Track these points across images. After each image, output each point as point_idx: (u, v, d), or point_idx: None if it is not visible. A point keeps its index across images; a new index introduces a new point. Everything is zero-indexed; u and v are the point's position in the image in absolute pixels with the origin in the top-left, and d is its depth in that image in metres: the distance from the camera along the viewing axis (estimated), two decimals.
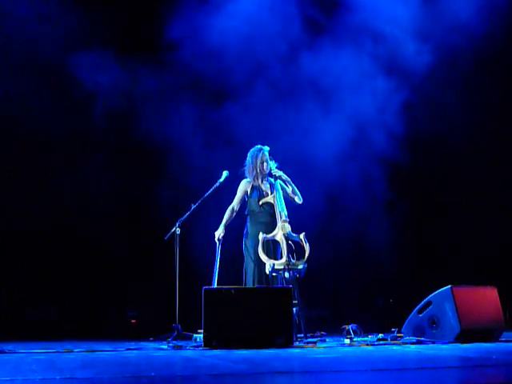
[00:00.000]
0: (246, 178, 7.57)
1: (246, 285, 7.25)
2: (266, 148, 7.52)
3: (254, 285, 7.15)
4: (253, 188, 7.49)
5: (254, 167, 7.47)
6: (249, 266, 7.30)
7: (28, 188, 9.73)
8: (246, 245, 7.38)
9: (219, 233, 7.42)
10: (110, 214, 10.03)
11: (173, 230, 7.73)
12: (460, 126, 10.30)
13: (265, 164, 7.46)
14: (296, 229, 7.33)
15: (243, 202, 7.53)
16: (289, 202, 7.52)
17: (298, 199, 7.57)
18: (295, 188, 7.58)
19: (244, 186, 7.53)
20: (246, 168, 7.55)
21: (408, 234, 10.62)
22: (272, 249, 7.27)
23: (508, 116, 10.44)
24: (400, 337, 7.05)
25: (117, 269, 10.06)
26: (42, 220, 9.74)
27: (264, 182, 7.52)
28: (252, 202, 7.46)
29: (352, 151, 9.84)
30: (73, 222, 9.92)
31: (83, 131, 9.85)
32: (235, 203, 7.53)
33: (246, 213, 7.50)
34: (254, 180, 7.48)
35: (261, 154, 7.47)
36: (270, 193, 7.46)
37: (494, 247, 10.67)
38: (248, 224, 7.45)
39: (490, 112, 10.34)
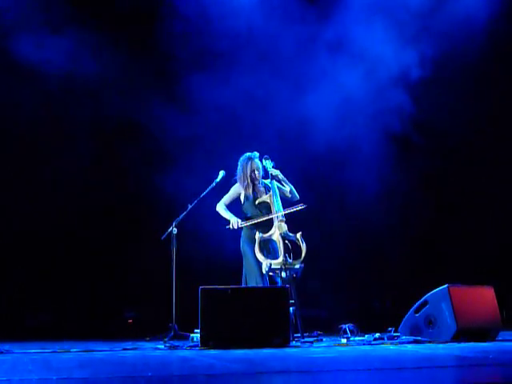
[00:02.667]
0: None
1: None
2: (256, 155, 7.50)
3: None
4: (246, 193, 7.46)
5: (246, 177, 7.43)
6: (249, 272, 7.26)
7: (24, 189, 9.72)
8: (244, 249, 7.35)
9: (235, 220, 7.32)
10: (108, 215, 10.03)
11: (169, 229, 7.72)
12: (462, 126, 10.32)
13: (256, 172, 7.44)
14: (294, 227, 7.33)
15: (236, 205, 7.51)
16: (284, 200, 7.52)
17: (295, 197, 7.56)
18: (291, 186, 7.56)
19: (238, 188, 7.51)
20: (237, 177, 7.52)
21: (405, 233, 10.63)
22: (270, 248, 7.25)
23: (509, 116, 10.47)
24: (397, 336, 7.05)
25: (113, 269, 10.06)
26: (38, 221, 9.73)
27: (258, 185, 7.50)
28: (248, 206, 7.44)
29: (347, 148, 9.90)
30: (70, 222, 9.91)
31: (79, 131, 9.84)
32: (225, 200, 7.50)
33: (243, 217, 7.47)
34: (245, 189, 7.44)
35: (250, 163, 7.43)
36: (265, 194, 7.44)
37: (491, 247, 10.69)
38: (244, 229, 7.42)
39: (491, 112, 10.37)
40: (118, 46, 9.49)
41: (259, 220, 7.31)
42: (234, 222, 7.32)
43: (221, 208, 7.49)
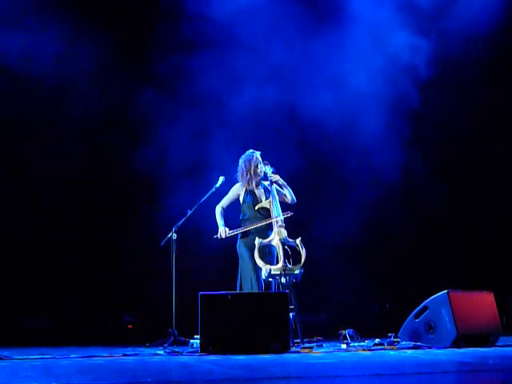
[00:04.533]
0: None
1: (242, 291, 7.23)
2: (258, 152, 7.52)
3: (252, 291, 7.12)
4: (247, 193, 7.45)
5: (248, 171, 7.42)
6: (245, 273, 7.26)
7: (22, 189, 9.71)
8: (240, 251, 7.35)
9: (223, 229, 7.33)
10: (107, 219, 10.03)
11: (169, 235, 7.72)
12: (466, 126, 10.34)
13: (259, 166, 7.44)
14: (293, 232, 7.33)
15: (235, 205, 7.51)
16: (282, 203, 7.52)
17: (292, 201, 7.56)
18: (290, 191, 7.56)
19: (237, 189, 7.50)
20: (238, 173, 7.51)
21: (404, 238, 10.63)
22: (268, 254, 7.25)
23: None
24: (397, 342, 7.05)
25: (113, 274, 10.05)
26: (37, 223, 9.73)
27: (258, 186, 7.50)
28: (246, 208, 7.43)
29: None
30: (69, 225, 9.90)
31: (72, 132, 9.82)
32: (224, 203, 7.50)
33: (241, 218, 7.48)
34: (247, 184, 7.43)
35: (254, 158, 7.44)
36: (264, 198, 7.43)
37: (490, 252, 10.69)
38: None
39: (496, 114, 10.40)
40: (99, 32, 9.47)
41: (247, 229, 7.30)
42: (222, 231, 7.34)
43: (217, 211, 7.49)
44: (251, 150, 7.51)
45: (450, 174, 10.63)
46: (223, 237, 7.34)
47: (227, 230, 7.33)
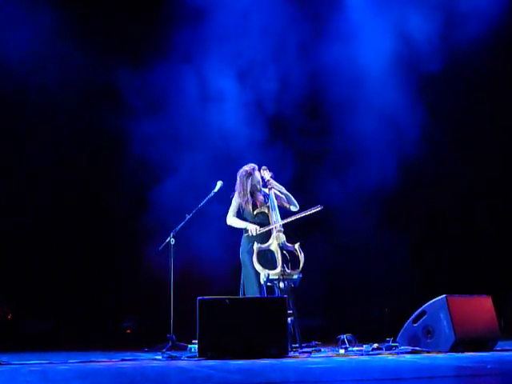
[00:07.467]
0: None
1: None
2: (255, 167, 7.45)
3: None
4: (247, 202, 7.42)
5: (246, 193, 7.39)
6: (248, 279, 7.25)
7: (23, 189, 9.71)
8: (243, 258, 7.34)
9: (253, 226, 7.27)
10: (106, 225, 10.03)
11: (167, 240, 7.72)
12: (466, 124, 10.34)
13: (257, 186, 7.43)
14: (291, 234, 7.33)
15: (238, 215, 7.50)
16: (283, 209, 7.50)
17: (294, 207, 7.54)
18: (290, 196, 7.54)
19: (238, 199, 7.49)
20: (236, 191, 7.46)
21: (403, 243, 10.63)
22: (269, 259, 7.24)
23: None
24: (395, 346, 7.04)
25: (111, 279, 10.04)
26: (37, 228, 9.72)
27: (257, 193, 7.47)
28: (247, 214, 7.43)
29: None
30: (68, 230, 9.90)
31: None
32: (233, 213, 7.44)
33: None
34: (245, 204, 7.40)
35: (250, 179, 7.41)
36: (264, 203, 7.43)
37: (488, 256, 10.69)
38: (243, 237, 7.42)
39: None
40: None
41: (286, 221, 7.27)
42: (253, 228, 7.27)
43: (233, 220, 7.42)
44: (247, 169, 7.44)
45: (452, 169, 10.63)
46: (254, 234, 7.27)
47: (257, 227, 7.29)
